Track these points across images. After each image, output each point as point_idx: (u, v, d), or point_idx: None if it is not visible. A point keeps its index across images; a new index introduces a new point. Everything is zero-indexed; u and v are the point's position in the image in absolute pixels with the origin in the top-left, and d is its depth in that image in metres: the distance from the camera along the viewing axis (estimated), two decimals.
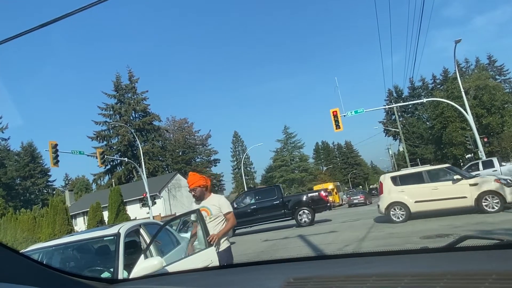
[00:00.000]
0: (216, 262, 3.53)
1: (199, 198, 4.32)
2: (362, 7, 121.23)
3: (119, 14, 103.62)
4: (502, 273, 0.92)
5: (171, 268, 2.95)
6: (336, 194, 42.08)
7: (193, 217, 4.25)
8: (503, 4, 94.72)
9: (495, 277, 0.91)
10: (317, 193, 17.82)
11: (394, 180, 12.04)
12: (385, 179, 12.35)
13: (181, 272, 2.05)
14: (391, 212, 11.76)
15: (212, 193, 4.45)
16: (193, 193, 4.32)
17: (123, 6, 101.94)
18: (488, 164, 20.11)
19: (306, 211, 16.68)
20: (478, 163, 20.99)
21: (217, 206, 4.25)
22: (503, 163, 19.80)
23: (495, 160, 20.19)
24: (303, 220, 16.54)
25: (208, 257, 3.51)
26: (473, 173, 19.29)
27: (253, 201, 17.25)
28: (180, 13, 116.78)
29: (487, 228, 7.95)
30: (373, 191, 54.26)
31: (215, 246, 3.84)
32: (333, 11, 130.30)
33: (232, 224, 4.38)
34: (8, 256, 1.31)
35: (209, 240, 3.74)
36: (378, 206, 12.41)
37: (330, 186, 43.19)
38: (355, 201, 33.26)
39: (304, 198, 17.40)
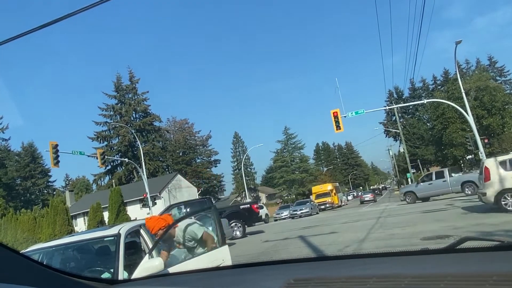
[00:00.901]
0: (228, 261, 3.51)
1: (167, 240, 3.94)
2: (363, 9, 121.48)
3: (120, 15, 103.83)
4: (503, 275, 0.92)
5: (180, 267, 2.95)
6: (335, 195, 41.43)
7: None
8: (503, 6, 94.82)
9: (495, 279, 0.91)
10: (248, 206, 17.54)
11: (505, 164, 10.73)
12: (493, 164, 10.98)
13: (182, 272, 2.05)
14: (503, 201, 10.52)
15: (178, 224, 4.09)
16: (157, 237, 3.89)
17: (124, 7, 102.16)
18: (439, 175, 21.81)
19: (237, 224, 16.45)
20: (432, 173, 23.08)
21: (189, 235, 3.99)
22: (452, 174, 21.35)
23: (445, 171, 21.82)
24: (235, 233, 16.28)
25: (220, 256, 3.50)
26: (427, 183, 22.02)
27: (182, 214, 16.36)
28: (181, 14, 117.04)
29: (487, 230, 7.93)
30: (376, 191, 58.03)
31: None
32: (334, 12, 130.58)
33: (212, 243, 4.09)
34: (8, 257, 1.31)
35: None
36: (485, 194, 10.99)
37: (328, 187, 42.54)
38: (366, 198, 39.97)
39: (235, 211, 17.04)
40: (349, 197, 69.64)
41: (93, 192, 56.88)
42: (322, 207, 36.70)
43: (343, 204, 45.08)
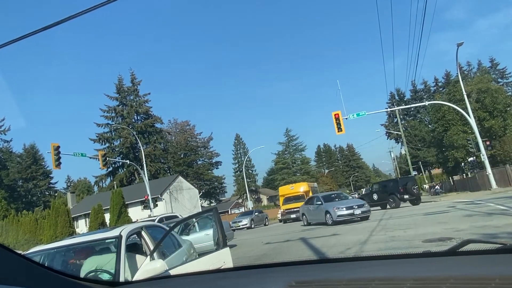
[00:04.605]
0: (229, 263, 3.51)
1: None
2: (364, 10, 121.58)
3: (121, 17, 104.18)
4: (505, 278, 0.92)
5: (181, 269, 2.96)
6: None
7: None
8: (505, 7, 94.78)
9: (498, 282, 0.90)
10: None
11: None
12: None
13: (183, 275, 2.04)
14: None
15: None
16: None
17: (126, 9, 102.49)
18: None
19: None
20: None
21: None
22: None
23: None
24: None
25: (221, 258, 3.50)
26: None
27: None
28: (182, 16, 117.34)
29: (490, 232, 7.90)
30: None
31: None
32: (336, 13, 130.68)
33: None
34: (9, 258, 1.31)
35: None
36: None
37: (301, 187, 31.54)
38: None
39: None
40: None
41: (94, 194, 56.93)
42: (293, 216, 26.71)
43: None
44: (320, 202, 17.82)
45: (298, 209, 26.05)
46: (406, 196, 22.89)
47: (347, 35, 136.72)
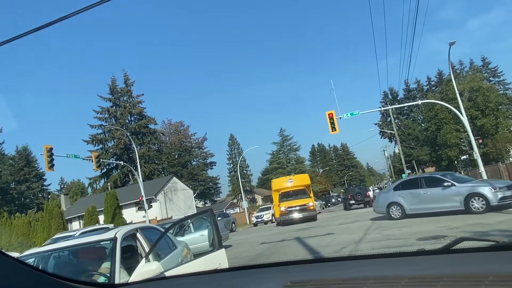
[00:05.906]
0: (225, 264, 3.52)
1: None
2: (358, 10, 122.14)
3: (115, 18, 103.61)
4: (499, 275, 0.93)
5: (177, 271, 2.95)
6: (312, 197, 23.49)
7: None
8: (496, 7, 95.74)
9: (491, 279, 0.91)
10: None
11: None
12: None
13: (178, 276, 2.04)
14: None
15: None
16: None
17: (120, 10, 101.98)
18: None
19: None
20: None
21: None
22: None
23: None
24: None
25: (217, 259, 3.51)
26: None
27: None
28: (177, 17, 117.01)
29: (483, 230, 7.98)
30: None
31: None
32: (329, 13, 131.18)
33: None
34: (2, 262, 1.30)
35: None
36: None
37: (300, 180, 24.65)
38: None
39: None
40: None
41: (88, 196, 56.51)
42: (298, 215, 21.22)
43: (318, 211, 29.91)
44: (449, 183, 12.46)
45: (303, 206, 21.51)
46: (352, 202, 28.81)
47: (341, 35, 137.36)
